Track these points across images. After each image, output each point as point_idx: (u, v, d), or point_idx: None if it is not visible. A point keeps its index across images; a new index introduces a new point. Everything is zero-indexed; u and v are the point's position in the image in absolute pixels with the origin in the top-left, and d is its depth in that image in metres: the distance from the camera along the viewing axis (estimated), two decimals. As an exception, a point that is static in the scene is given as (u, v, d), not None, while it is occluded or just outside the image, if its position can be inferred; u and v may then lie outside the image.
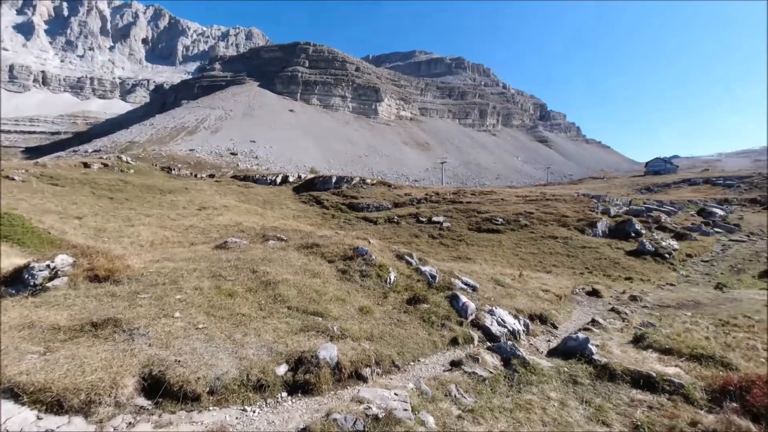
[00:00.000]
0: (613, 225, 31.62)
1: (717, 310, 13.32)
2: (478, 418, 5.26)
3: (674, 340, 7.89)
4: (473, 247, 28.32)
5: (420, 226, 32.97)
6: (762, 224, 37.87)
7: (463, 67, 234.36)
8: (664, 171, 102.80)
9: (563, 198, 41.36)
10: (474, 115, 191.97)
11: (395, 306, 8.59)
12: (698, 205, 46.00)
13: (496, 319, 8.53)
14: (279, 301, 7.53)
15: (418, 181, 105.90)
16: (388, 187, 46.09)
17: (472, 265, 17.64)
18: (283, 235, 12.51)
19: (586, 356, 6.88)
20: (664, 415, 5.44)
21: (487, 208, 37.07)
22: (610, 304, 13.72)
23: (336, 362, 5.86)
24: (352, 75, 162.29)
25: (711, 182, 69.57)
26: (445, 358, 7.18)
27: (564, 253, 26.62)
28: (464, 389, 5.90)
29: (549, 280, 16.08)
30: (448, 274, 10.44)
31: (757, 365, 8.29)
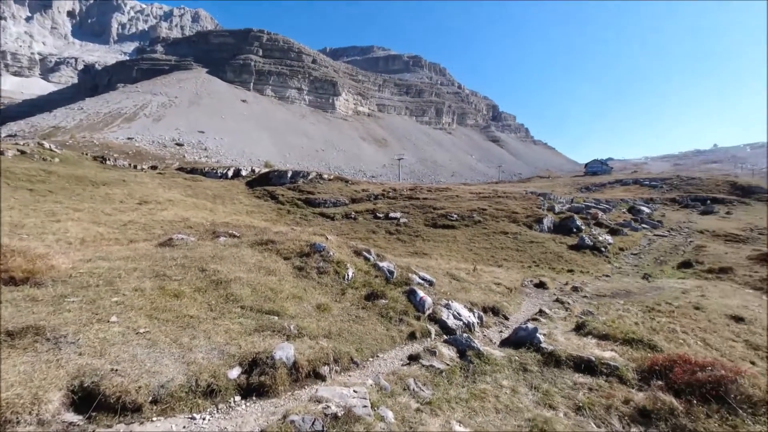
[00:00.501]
0: (557, 221, 33.90)
1: (644, 297, 14.77)
2: (436, 409, 5.37)
3: (610, 327, 8.62)
4: (429, 242, 28.96)
5: (377, 222, 33.11)
6: (680, 221, 42.65)
7: (421, 65, 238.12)
8: (600, 172, 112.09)
9: (513, 195, 43.60)
10: (431, 113, 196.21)
11: (353, 302, 8.52)
12: (628, 203, 50.70)
13: (452, 313, 8.77)
14: (231, 300, 7.15)
15: (376, 177, 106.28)
16: (345, 183, 45.72)
17: (429, 261, 18.03)
18: (235, 231, 11.89)
19: (534, 345, 7.29)
20: (602, 395, 5.92)
21: (442, 204, 38.08)
22: (555, 295, 14.67)
23: (293, 362, 5.69)
24: (309, 67, 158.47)
25: (639, 183, 77.02)
26: (404, 353, 7.26)
27: (514, 247, 28.09)
28: (422, 382, 5.99)
29: (501, 273, 16.86)
30: (405, 269, 10.55)
31: (677, 346, 9.31)
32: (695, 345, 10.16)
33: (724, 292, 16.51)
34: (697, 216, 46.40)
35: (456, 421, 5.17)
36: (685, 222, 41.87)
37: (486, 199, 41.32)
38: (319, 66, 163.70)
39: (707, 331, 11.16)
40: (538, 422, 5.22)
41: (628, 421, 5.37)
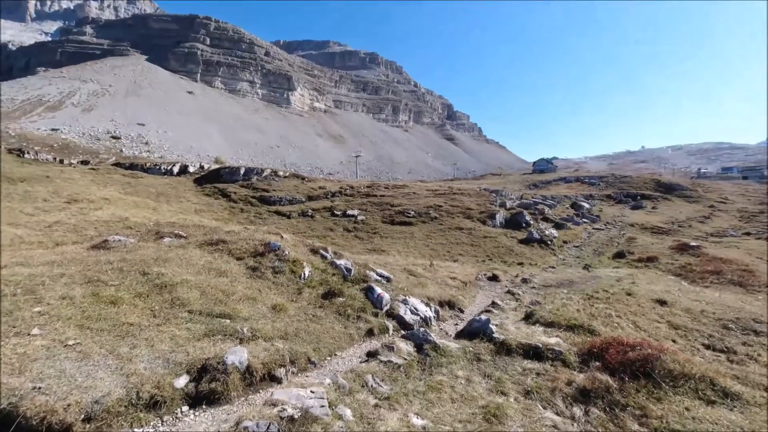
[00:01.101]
0: (509, 217, 35.68)
1: (585, 286, 15.96)
2: (394, 404, 5.43)
3: (555, 315, 9.23)
4: (387, 239, 29.20)
5: (335, 220, 32.78)
6: (615, 215, 46.70)
7: (377, 62, 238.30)
8: (546, 170, 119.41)
9: (468, 192, 45.19)
10: (387, 111, 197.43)
11: (310, 301, 8.36)
12: (571, 199, 54.59)
13: (409, 308, 8.90)
14: (178, 305, 6.69)
15: (333, 174, 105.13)
16: (301, 180, 44.72)
17: (387, 257, 18.18)
18: (182, 231, 11.14)
19: (487, 335, 7.61)
20: (548, 379, 6.31)
21: (399, 201, 38.54)
22: (506, 287, 15.43)
23: (246, 366, 5.46)
24: (262, 60, 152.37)
25: (580, 180, 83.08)
26: (362, 350, 7.24)
27: (469, 242, 29.14)
28: (380, 378, 6.02)
29: (456, 268, 17.41)
30: (363, 266, 10.53)
31: (612, 329, 10.18)
32: (627, 327, 11.18)
33: (650, 278, 18.28)
34: (629, 211, 51.09)
35: (414, 414, 5.26)
36: (619, 216, 45.88)
37: (442, 196, 42.44)
38: (273, 59, 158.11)
39: (637, 315, 12.31)
40: (491, 408, 5.45)
41: (570, 401, 5.77)
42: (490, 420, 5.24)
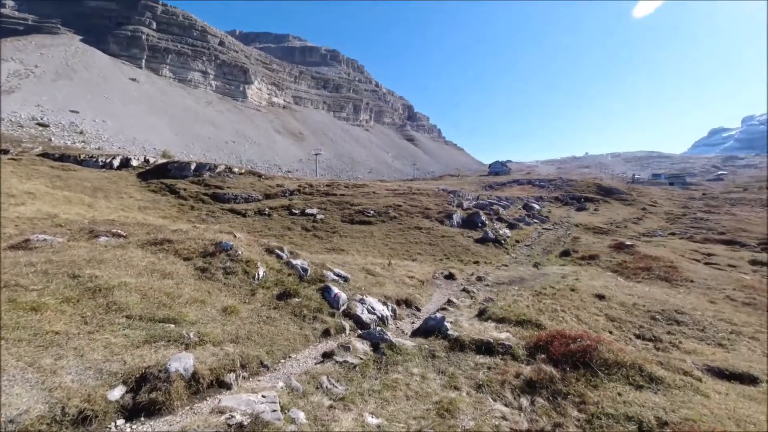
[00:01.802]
0: (465, 216, 36.84)
1: (534, 283, 16.86)
2: (349, 404, 5.39)
3: (506, 311, 9.65)
4: (346, 238, 29.01)
5: (293, 219, 32.01)
6: (562, 216, 49.88)
7: (338, 60, 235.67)
8: (501, 172, 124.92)
9: (427, 192, 46.08)
10: (348, 109, 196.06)
11: (264, 303, 8.07)
12: (523, 201, 57.55)
13: (366, 308, 8.88)
14: (114, 310, 6.15)
15: (292, 172, 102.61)
16: (258, 177, 43.16)
17: (345, 257, 18.04)
18: (121, 230, 10.25)
19: (442, 332, 7.79)
20: (498, 372, 6.59)
21: (359, 200, 38.44)
22: (462, 285, 15.91)
23: (192, 373, 5.15)
24: (216, 49, 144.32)
25: (532, 183, 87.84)
26: (318, 351, 7.12)
27: (427, 242, 29.70)
28: (336, 379, 5.95)
29: (414, 267, 17.68)
30: (320, 266, 10.36)
31: (558, 323, 10.84)
32: (571, 321, 11.97)
33: (591, 275, 19.68)
34: (574, 212, 54.83)
35: (369, 413, 5.25)
36: (565, 217, 49.06)
37: (401, 195, 42.93)
38: (228, 49, 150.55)
39: (580, 309, 13.23)
40: (444, 404, 5.58)
41: (518, 392, 6.06)
42: (443, 415, 5.37)
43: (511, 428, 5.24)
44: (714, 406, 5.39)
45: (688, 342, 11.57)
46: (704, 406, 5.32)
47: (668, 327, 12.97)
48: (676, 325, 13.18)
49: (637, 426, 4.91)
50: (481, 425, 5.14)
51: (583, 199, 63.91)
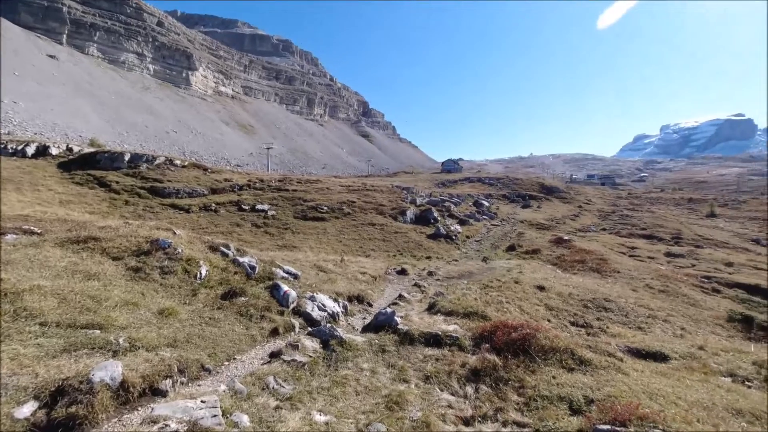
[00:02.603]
0: (419, 213, 37.58)
1: (482, 277, 17.65)
2: (297, 403, 5.27)
3: (454, 304, 9.99)
4: (299, 235, 28.35)
5: (242, 215, 30.60)
6: (509, 213, 52.69)
7: (291, 51, 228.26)
8: (453, 170, 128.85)
9: (381, 189, 46.34)
10: (302, 103, 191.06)
11: (207, 303, 7.61)
12: (473, 198, 59.93)
13: (317, 305, 8.73)
14: (25, 317, 5.45)
15: (241, 166, 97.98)
16: (204, 171, 40.65)
17: (297, 254, 17.62)
18: (35, 226, 9.08)
19: (392, 327, 7.88)
20: (445, 363, 6.80)
21: (313, 196, 37.72)
22: (414, 280, 16.22)
23: (121, 382, 4.71)
24: (154, 30, 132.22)
25: (482, 181, 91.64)
26: (265, 351, 6.87)
27: (381, 238, 29.89)
28: (283, 378, 5.78)
29: (367, 263, 17.71)
30: (269, 263, 9.99)
31: (502, 313, 11.44)
32: (515, 311, 12.72)
33: (534, 268, 21.03)
34: (520, 209, 58.19)
35: (317, 411, 5.17)
36: (512, 214, 51.89)
37: (356, 192, 42.77)
38: (168, 31, 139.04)
39: (522, 300, 14.09)
40: (393, 396, 5.66)
41: (464, 381, 6.31)
42: (392, 408, 5.43)
43: (456, 416, 5.44)
44: (632, 382, 6.00)
45: (614, 326, 12.80)
46: (624, 384, 5.90)
47: (598, 314, 14.26)
48: (605, 311, 14.52)
49: (568, 405, 5.32)
50: (428, 415, 5.27)
51: (528, 197, 68.02)
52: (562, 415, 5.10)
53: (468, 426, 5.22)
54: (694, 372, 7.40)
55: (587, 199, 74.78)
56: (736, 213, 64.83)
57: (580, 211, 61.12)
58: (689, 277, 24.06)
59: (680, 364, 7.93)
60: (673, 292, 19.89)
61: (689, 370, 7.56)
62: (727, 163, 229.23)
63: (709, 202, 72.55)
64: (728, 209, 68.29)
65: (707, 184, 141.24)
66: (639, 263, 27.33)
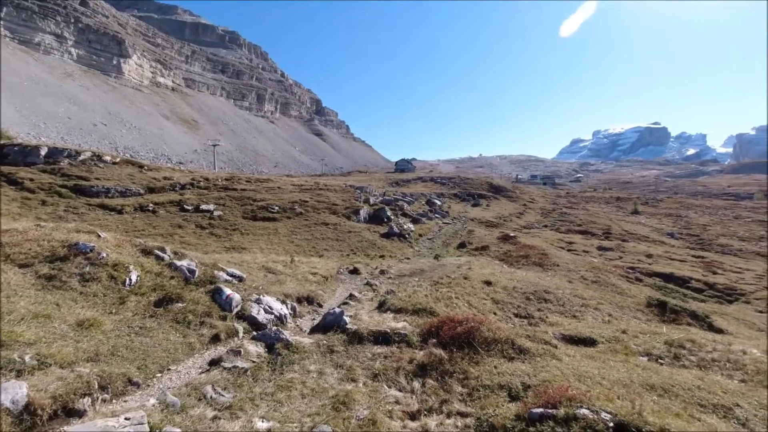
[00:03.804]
0: (372, 212, 37.64)
1: (433, 274, 18.06)
2: (237, 412, 5.01)
3: (404, 301, 10.12)
4: (248, 236, 27.17)
5: (185, 216, 28.64)
6: (460, 211, 54.58)
7: (239, 43, 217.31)
8: (407, 170, 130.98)
9: (334, 188, 45.80)
10: (251, 98, 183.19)
11: (138, 311, 6.98)
12: (426, 197, 61.29)
13: (263, 307, 8.38)
14: None
15: (184, 163, 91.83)
16: (139, 168, 37.46)
17: (245, 255, 16.84)
18: None
19: (341, 327, 7.78)
20: (393, 360, 6.84)
21: (263, 196, 36.33)
22: (366, 279, 16.19)
23: (25, 404, 4.15)
24: (76, 10, 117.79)
25: (434, 180, 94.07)
26: (204, 359, 6.46)
27: (334, 237, 29.52)
28: (223, 387, 5.46)
29: (319, 263, 17.38)
30: (211, 266, 9.41)
31: (451, 309, 11.78)
32: (463, 306, 13.16)
33: (482, 264, 21.92)
34: (470, 207, 60.53)
35: (259, 418, 4.95)
36: (463, 212, 53.82)
37: (308, 191, 41.90)
38: (95, 13, 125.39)
39: (471, 295, 14.63)
40: (340, 397, 5.58)
41: (411, 376, 6.39)
42: (339, 408, 5.36)
43: (403, 411, 5.49)
44: (564, 367, 6.45)
45: (552, 316, 13.71)
46: (557, 369, 6.33)
47: (539, 305, 15.19)
48: (545, 303, 15.51)
49: (508, 392, 5.60)
50: (375, 413, 5.26)
51: (478, 196, 71.00)
52: (501, 402, 5.35)
53: (414, 420, 5.29)
54: (618, 354, 8.15)
55: (531, 198, 79.74)
56: (655, 210, 72.82)
57: (524, 209, 64.98)
58: (617, 268, 26.52)
59: (606, 348, 8.70)
60: (603, 282, 21.77)
61: (613, 352, 8.31)
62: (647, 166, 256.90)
63: (633, 201, 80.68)
64: (648, 207, 76.48)
65: (632, 185, 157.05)
66: (575, 257, 29.61)
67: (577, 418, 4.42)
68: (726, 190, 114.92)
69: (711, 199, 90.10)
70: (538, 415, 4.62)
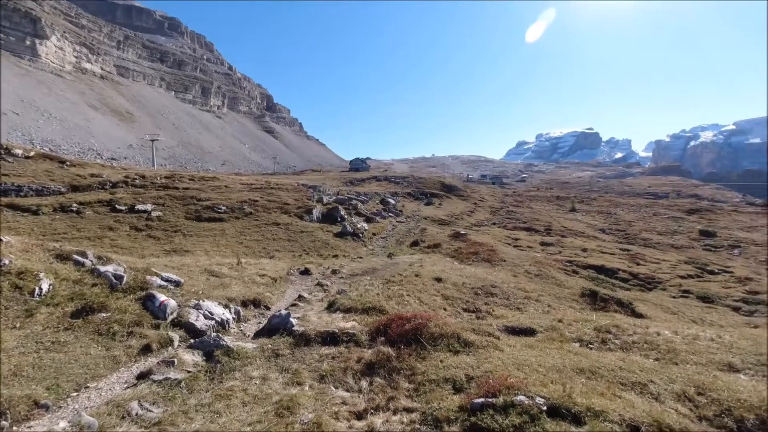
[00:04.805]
0: (325, 211, 37.06)
1: (385, 272, 18.14)
2: (168, 427, 4.62)
3: (354, 301, 10.02)
4: (192, 238, 25.51)
5: (117, 217, 26.21)
6: (414, 210, 55.52)
7: (180, 31, 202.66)
8: (361, 169, 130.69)
9: (286, 187, 44.48)
10: (195, 91, 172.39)
11: (50, 325, 6.19)
12: (380, 196, 61.60)
13: (202, 313, 7.85)
14: None
15: (118, 159, 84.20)
16: (60, 164, 33.62)
17: (186, 259, 15.75)
18: None
19: (288, 329, 7.51)
20: (341, 360, 6.73)
21: (209, 195, 34.32)
22: (317, 279, 15.85)
23: None
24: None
25: (388, 180, 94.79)
26: (131, 373, 5.89)
27: (286, 238, 28.64)
28: (151, 401, 5.01)
29: (268, 264, 16.73)
30: (142, 271, 8.63)
31: (403, 306, 11.89)
32: (414, 303, 13.34)
33: (434, 261, 22.44)
34: (424, 206, 61.81)
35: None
36: (416, 211, 54.79)
37: (258, 190, 40.30)
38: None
39: (422, 292, 14.88)
40: (284, 402, 5.36)
41: (359, 376, 6.32)
42: (282, 414, 5.15)
43: (349, 411, 5.40)
44: (506, 357, 6.75)
45: (498, 309, 14.36)
46: (499, 359, 6.60)
47: (486, 299, 15.85)
48: (491, 296, 16.21)
49: (452, 385, 5.72)
50: (320, 415, 5.13)
51: (431, 195, 72.75)
52: (446, 395, 5.45)
53: (361, 420, 5.22)
54: (554, 341, 8.70)
55: (481, 197, 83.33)
56: (589, 208, 79.47)
57: (475, 208, 67.72)
58: (557, 262, 28.50)
59: (544, 336, 9.26)
60: (544, 275, 23.26)
61: (551, 340, 8.87)
62: (583, 168, 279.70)
63: (571, 200, 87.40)
64: (584, 205, 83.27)
65: (569, 185, 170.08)
66: (521, 252, 31.35)
67: (514, 405, 4.62)
68: (647, 189, 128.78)
69: (635, 198, 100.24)
70: (479, 404, 4.76)
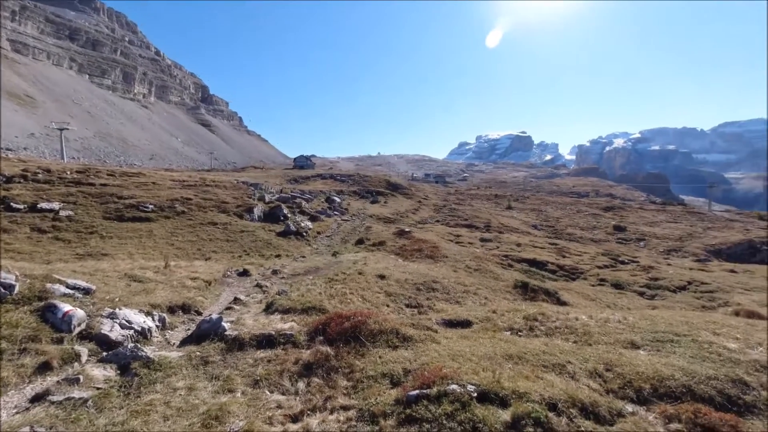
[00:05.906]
0: (267, 210, 35.58)
1: (329, 271, 17.85)
2: (69, 455, 4.06)
3: (294, 301, 9.71)
4: (112, 240, 22.98)
5: (13, 217, 22.73)
6: (359, 208, 55.41)
7: (95, 7, 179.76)
8: (306, 166, 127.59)
9: (224, 185, 41.94)
10: (115, 76, 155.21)
11: None
12: (326, 194, 60.62)
13: (118, 322, 7.05)
14: None
15: (16, 150, 73.12)
16: (-57, 155, 28.34)
17: (103, 263, 14.11)
18: None
19: (219, 334, 7.05)
20: (278, 363, 6.47)
21: (132, 192, 31.16)
22: (256, 280, 15.13)
23: None
24: None
25: (334, 177, 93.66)
26: (23, 396, 5.10)
27: (224, 238, 26.99)
28: (48, 426, 4.38)
29: (201, 266, 15.61)
30: (41, 279, 7.52)
31: (345, 305, 11.76)
32: (357, 301, 13.27)
33: (378, 259, 22.58)
34: (369, 204, 61.96)
35: (100, 457, 4.10)
36: (362, 209, 54.75)
37: (192, 187, 37.50)
38: None
39: (365, 289, 14.85)
40: (212, 412, 5.02)
41: (296, 377, 6.12)
42: (210, 424, 4.81)
43: (284, 414, 5.20)
44: (442, 349, 6.97)
45: (439, 304, 14.82)
46: (436, 351, 6.80)
47: (428, 294, 16.28)
48: (433, 292, 16.68)
49: (390, 380, 5.77)
50: (252, 422, 4.88)
51: (376, 193, 73.20)
52: (384, 390, 5.48)
53: (296, 422, 5.05)
54: (488, 331, 9.19)
55: (425, 195, 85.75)
56: (523, 206, 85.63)
57: (419, 206, 69.49)
58: (494, 257, 30.24)
59: (479, 327, 9.74)
60: (483, 269, 24.53)
61: (485, 330, 9.36)
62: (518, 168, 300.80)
63: (507, 198, 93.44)
64: (519, 203, 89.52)
65: (506, 184, 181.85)
66: (462, 248, 32.76)
67: (447, 394, 4.77)
68: (572, 189, 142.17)
69: (562, 197, 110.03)
70: (415, 396, 4.85)
